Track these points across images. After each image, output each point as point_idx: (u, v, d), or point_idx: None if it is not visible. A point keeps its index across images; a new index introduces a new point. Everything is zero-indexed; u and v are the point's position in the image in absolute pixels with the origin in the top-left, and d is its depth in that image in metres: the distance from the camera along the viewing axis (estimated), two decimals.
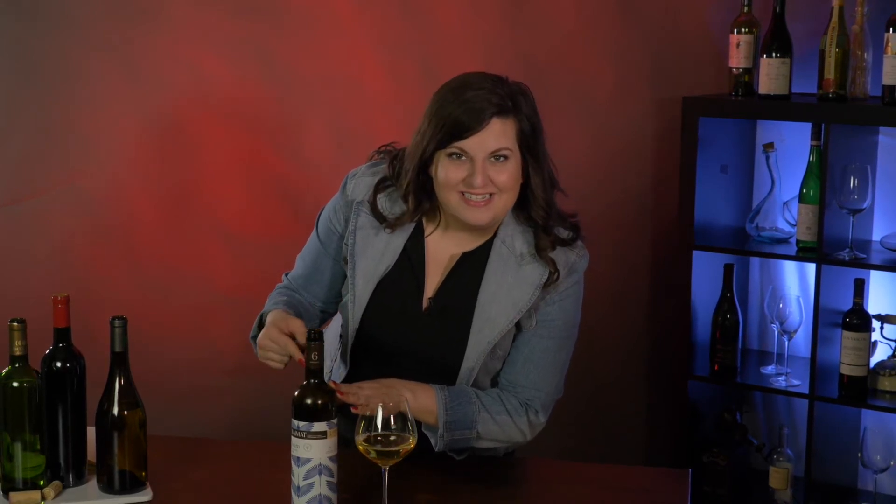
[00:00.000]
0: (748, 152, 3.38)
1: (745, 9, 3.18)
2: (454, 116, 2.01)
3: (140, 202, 3.45)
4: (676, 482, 2.15)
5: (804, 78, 3.18)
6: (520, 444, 2.22)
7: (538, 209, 2.10)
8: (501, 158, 2.03)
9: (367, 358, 2.22)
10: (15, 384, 1.99)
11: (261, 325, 2.21)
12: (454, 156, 2.04)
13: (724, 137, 3.27)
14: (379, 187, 2.17)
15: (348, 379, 2.25)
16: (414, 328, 2.16)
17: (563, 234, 2.15)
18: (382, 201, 2.16)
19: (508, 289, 2.10)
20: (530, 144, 2.07)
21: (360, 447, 1.89)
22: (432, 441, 2.13)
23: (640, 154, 3.48)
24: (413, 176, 2.09)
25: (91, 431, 2.06)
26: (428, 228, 2.17)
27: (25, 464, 2.01)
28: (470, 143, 2.01)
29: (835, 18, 3.00)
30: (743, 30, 3.18)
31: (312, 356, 1.90)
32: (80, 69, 3.38)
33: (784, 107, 3.10)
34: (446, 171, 2.04)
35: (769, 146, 3.24)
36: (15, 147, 3.41)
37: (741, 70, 3.19)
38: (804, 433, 3.16)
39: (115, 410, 1.99)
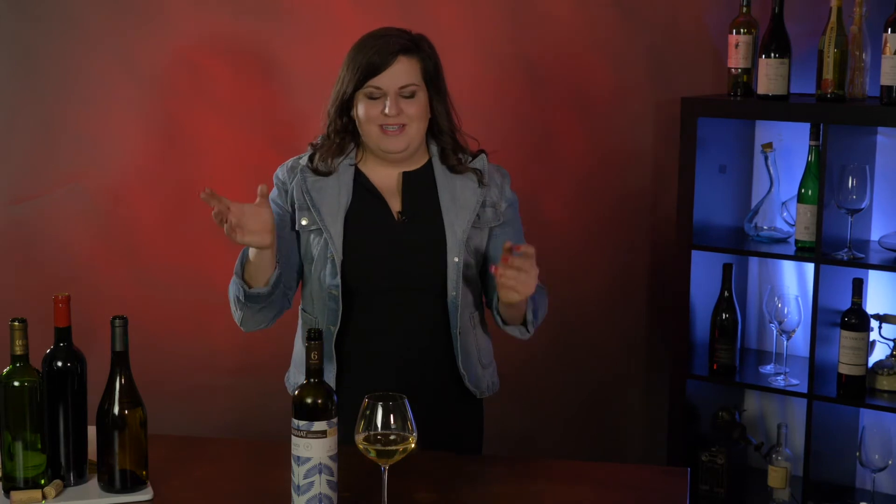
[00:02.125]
0: (747, 152, 3.39)
1: (744, 9, 3.19)
2: (367, 59, 2.33)
3: (141, 202, 3.46)
4: (675, 481, 2.15)
5: (803, 78, 3.19)
6: None
7: (444, 136, 2.43)
8: (410, 94, 2.34)
9: (356, 293, 2.37)
10: (16, 383, 2.00)
11: (242, 264, 2.35)
12: (371, 96, 2.34)
13: (723, 138, 3.28)
14: (312, 158, 2.44)
15: (343, 322, 2.37)
16: (393, 237, 2.37)
17: (474, 151, 2.48)
18: (319, 164, 2.42)
19: (461, 188, 2.41)
20: (433, 80, 2.39)
21: (360, 446, 1.90)
22: (525, 332, 2.40)
23: (640, 154, 3.49)
24: (335, 117, 2.41)
25: (92, 430, 2.07)
26: (360, 162, 2.44)
27: (26, 463, 2.02)
28: (383, 80, 2.33)
29: (833, 19, 3.01)
30: (742, 30, 3.19)
31: (312, 356, 1.91)
32: (80, 69, 3.39)
33: (783, 107, 3.10)
34: (366, 109, 2.35)
35: (768, 146, 3.25)
36: (16, 147, 3.42)
37: (740, 70, 3.20)
38: (803, 432, 3.17)
39: (116, 409, 2.00)
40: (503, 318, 2.39)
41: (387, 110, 2.32)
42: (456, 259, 2.36)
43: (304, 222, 2.39)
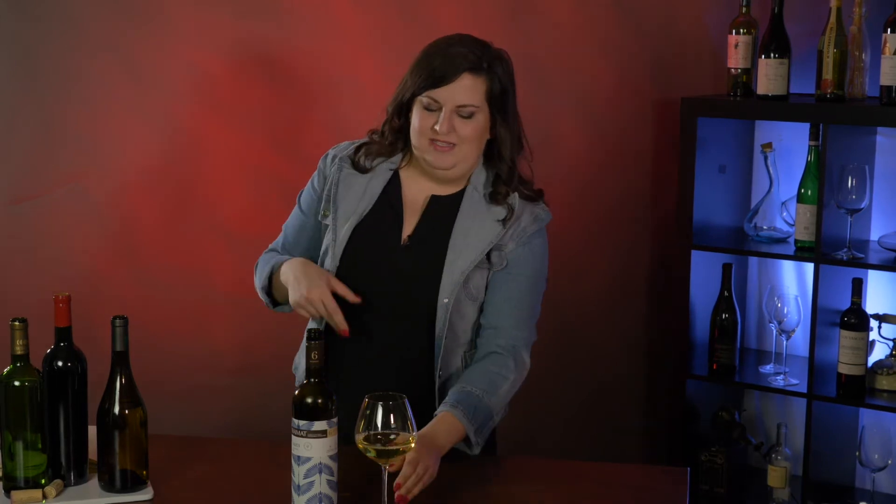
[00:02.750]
0: (747, 152, 3.39)
1: (744, 9, 3.19)
2: (433, 66, 2.23)
3: (141, 202, 3.46)
4: (675, 480, 2.16)
5: (802, 78, 3.19)
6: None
7: (503, 164, 2.30)
8: (468, 115, 2.23)
9: (344, 304, 2.26)
10: (16, 383, 2.00)
11: (270, 276, 2.34)
12: (428, 107, 2.24)
13: (723, 138, 3.28)
14: (359, 148, 2.37)
15: (327, 328, 2.30)
16: (392, 261, 2.29)
17: (526, 192, 2.34)
18: (361, 158, 2.36)
19: (479, 226, 2.28)
20: (499, 103, 2.26)
21: (360, 446, 1.90)
22: (469, 450, 2.21)
23: (640, 154, 3.49)
24: (393, 116, 2.32)
25: (92, 430, 2.07)
26: (403, 168, 2.36)
27: (27, 462, 2.02)
28: (441, 93, 2.22)
29: (833, 19, 3.01)
30: (741, 30, 3.19)
31: (312, 356, 1.91)
32: (81, 69, 3.39)
33: (782, 107, 3.11)
34: (420, 119, 2.25)
35: (767, 146, 3.25)
36: (16, 147, 3.42)
37: (740, 70, 3.20)
38: (802, 432, 3.17)
39: (117, 409, 2.00)
40: None
41: (441, 126, 2.21)
42: (446, 300, 2.24)
43: (324, 212, 2.35)
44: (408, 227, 2.31)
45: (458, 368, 2.31)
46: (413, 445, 1.91)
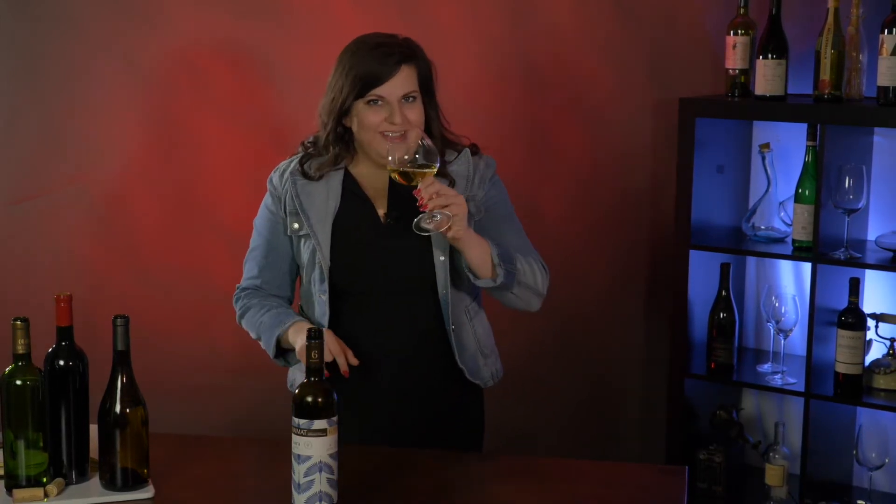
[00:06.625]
0: (745, 153, 3.40)
1: (742, 10, 3.20)
2: (368, 69, 2.33)
3: (142, 202, 3.47)
4: (673, 479, 2.16)
5: (800, 79, 3.20)
6: (538, 301, 2.44)
7: (435, 140, 2.38)
8: (411, 99, 2.35)
9: (347, 296, 2.40)
10: (18, 382, 2.01)
11: (279, 345, 2.43)
12: (372, 102, 2.33)
13: (721, 138, 3.29)
14: (302, 161, 2.45)
15: (336, 325, 2.40)
16: (382, 241, 2.39)
17: (461, 147, 2.46)
18: (308, 168, 2.44)
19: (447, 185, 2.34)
20: (428, 86, 2.40)
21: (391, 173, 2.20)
22: (493, 278, 2.32)
23: (638, 154, 3.50)
24: (332, 127, 2.39)
25: (93, 429, 2.08)
26: (352, 166, 2.45)
27: (28, 461, 2.03)
28: (385, 89, 2.33)
29: (830, 20, 3.02)
30: (739, 31, 3.20)
31: (312, 355, 1.92)
32: (81, 69, 3.40)
33: (780, 107, 3.12)
34: (367, 117, 2.34)
35: (765, 146, 3.26)
36: (17, 147, 3.43)
37: (738, 71, 3.21)
38: (800, 431, 3.18)
39: (118, 408, 2.01)
40: (474, 272, 2.34)
41: (395, 119, 2.32)
42: (442, 258, 2.37)
43: (295, 226, 2.42)
44: (381, 208, 2.41)
45: (464, 321, 2.43)
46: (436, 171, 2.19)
